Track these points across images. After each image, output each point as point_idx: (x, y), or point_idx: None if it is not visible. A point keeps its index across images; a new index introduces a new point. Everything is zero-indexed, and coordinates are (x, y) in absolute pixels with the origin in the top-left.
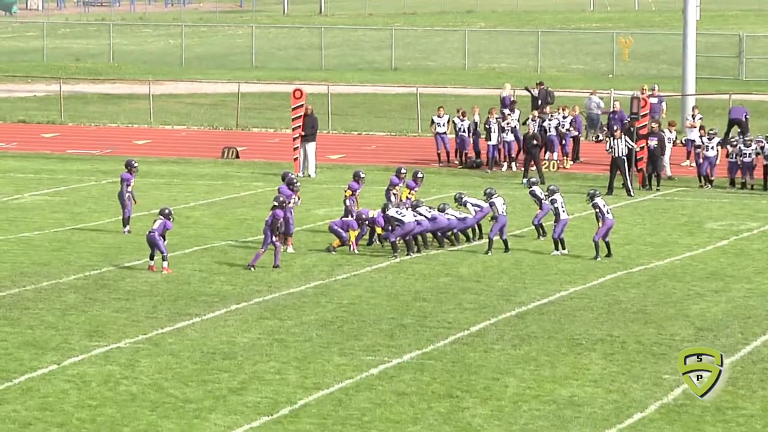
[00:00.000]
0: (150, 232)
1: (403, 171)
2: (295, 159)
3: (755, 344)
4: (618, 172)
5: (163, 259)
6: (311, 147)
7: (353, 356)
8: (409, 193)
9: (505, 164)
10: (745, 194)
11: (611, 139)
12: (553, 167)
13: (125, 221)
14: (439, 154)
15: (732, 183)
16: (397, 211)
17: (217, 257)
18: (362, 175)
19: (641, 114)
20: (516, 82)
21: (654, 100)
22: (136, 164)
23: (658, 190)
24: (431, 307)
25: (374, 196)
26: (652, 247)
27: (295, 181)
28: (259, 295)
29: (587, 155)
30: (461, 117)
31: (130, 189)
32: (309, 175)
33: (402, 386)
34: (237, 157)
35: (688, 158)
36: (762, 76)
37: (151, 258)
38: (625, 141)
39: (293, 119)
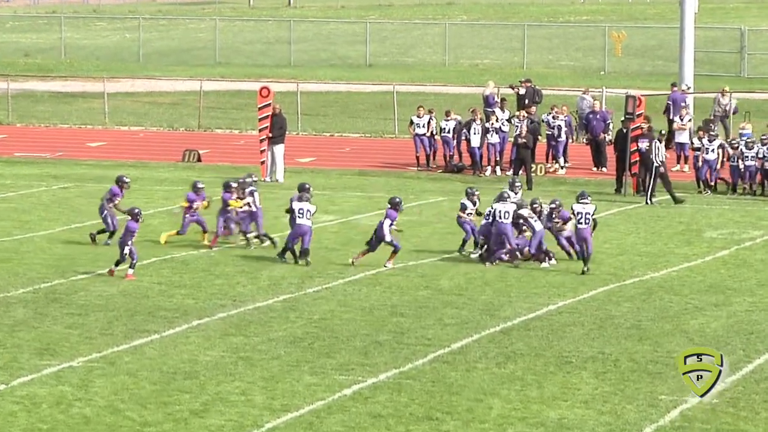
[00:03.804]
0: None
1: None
2: (262, 162)
3: (758, 362)
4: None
5: (131, 266)
6: (279, 150)
7: (325, 375)
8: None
9: (489, 168)
10: (747, 201)
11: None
12: (541, 171)
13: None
14: (417, 157)
15: (734, 189)
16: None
17: (178, 269)
18: (200, 186)
19: (636, 114)
20: (500, 79)
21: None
22: (128, 180)
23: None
24: (409, 323)
25: (348, 203)
26: (647, 257)
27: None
28: (223, 309)
29: (577, 159)
30: (446, 117)
31: (111, 205)
32: (277, 180)
33: (378, 408)
34: (199, 160)
35: (678, 162)
36: (765, 72)
37: (117, 264)
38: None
39: (260, 119)
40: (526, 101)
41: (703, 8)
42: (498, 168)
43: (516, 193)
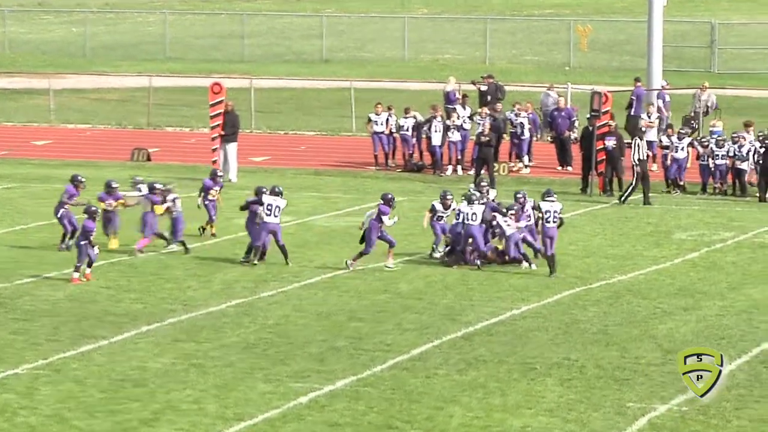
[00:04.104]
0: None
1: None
2: (214, 161)
3: (729, 368)
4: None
5: (88, 264)
6: (232, 148)
7: (280, 383)
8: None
9: (450, 167)
10: (718, 201)
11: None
12: (504, 171)
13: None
14: (376, 156)
15: (704, 188)
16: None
17: (126, 273)
18: (81, 179)
19: (602, 111)
20: (462, 75)
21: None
22: (83, 179)
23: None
24: (367, 328)
25: (304, 203)
26: (613, 259)
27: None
28: (173, 314)
29: (541, 157)
30: (405, 114)
31: (67, 207)
32: (230, 180)
33: (335, 416)
34: (148, 159)
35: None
36: (736, 68)
37: (88, 265)
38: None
39: (211, 117)
40: (489, 98)
41: (672, 1)
42: (459, 167)
43: (482, 192)
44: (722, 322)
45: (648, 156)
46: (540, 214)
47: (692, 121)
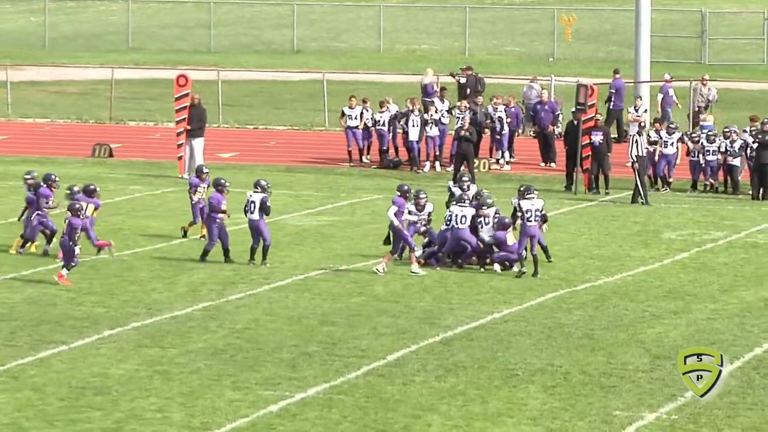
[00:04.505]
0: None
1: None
2: (180, 158)
3: (729, 369)
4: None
5: (66, 266)
6: (198, 144)
7: (249, 391)
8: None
9: (428, 163)
10: (709, 199)
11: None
12: (484, 167)
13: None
14: (350, 152)
15: (694, 186)
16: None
17: (87, 274)
18: (55, 178)
19: (588, 104)
20: (440, 67)
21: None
22: (56, 178)
23: (606, 193)
24: (341, 333)
25: (274, 201)
26: (599, 260)
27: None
28: (136, 318)
29: (524, 153)
30: (381, 108)
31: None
32: None
33: (306, 426)
34: (110, 155)
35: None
36: (727, 59)
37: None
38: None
39: (177, 111)
40: (468, 91)
41: None
42: (438, 163)
43: (463, 189)
44: (713, 326)
45: (647, 152)
46: (520, 214)
47: (699, 115)
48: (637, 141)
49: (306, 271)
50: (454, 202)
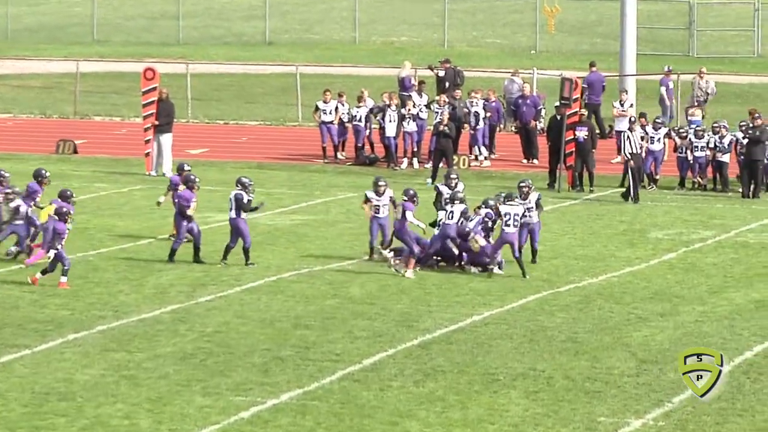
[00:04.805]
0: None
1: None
2: (147, 154)
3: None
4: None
5: (63, 273)
6: (166, 139)
7: (219, 396)
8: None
9: (406, 160)
10: (697, 197)
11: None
12: (464, 164)
13: None
14: (324, 148)
15: (682, 183)
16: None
17: (51, 275)
18: (46, 173)
19: (573, 99)
20: (418, 59)
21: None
22: (47, 174)
23: (591, 191)
24: (315, 336)
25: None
26: (584, 261)
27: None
28: (103, 321)
29: (505, 149)
30: (358, 103)
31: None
32: (164, 174)
33: None
34: (75, 151)
35: (619, 153)
36: (716, 51)
37: (51, 270)
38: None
39: (144, 105)
40: (447, 84)
41: None
42: (416, 160)
43: (451, 187)
44: (702, 328)
45: (642, 148)
46: (499, 219)
47: (699, 110)
48: (629, 137)
49: (279, 272)
50: (447, 201)
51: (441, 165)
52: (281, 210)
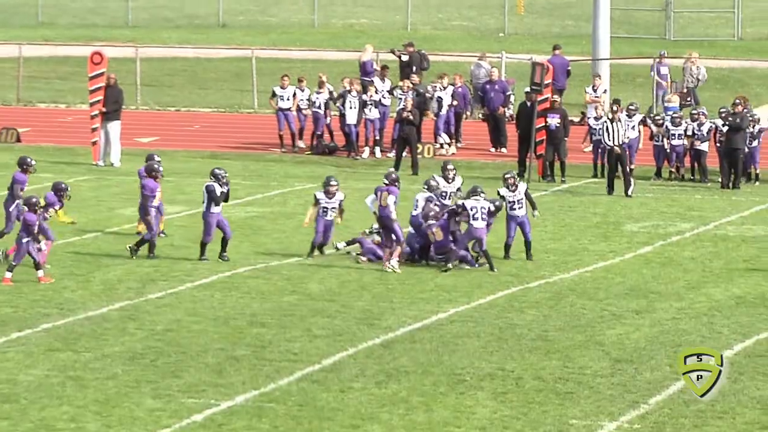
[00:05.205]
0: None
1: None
2: (94, 143)
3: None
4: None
5: (9, 268)
6: (114, 127)
7: (170, 399)
8: None
9: (367, 149)
10: (674, 187)
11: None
12: (429, 153)
13: None
14: (281, 137)
15: (658, 173)
16: None
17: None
18: (31, 162)
19: (545, 84)
20: (380, 43)
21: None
22: (33, 162)
23: (563, 181)
24: (272, 335)
25: (198, 191)
26: (555, 255)
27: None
28: (47, 319)
29: (472, 137)
30: (318, 89)
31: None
32: (111, 164)
33: None
34: (18, 140)
35: (590, 142)
36: (694, 34)
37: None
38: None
39: (91, 92)
40: (414, 68)
41: None
42: (377, 149)
43: (452, 180)
44: (679, 326)
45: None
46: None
47: (687, 98)
48: (609, 128)
49: (233, 267)
50: (439, 194)
51: (405, 154)
52: (236, 202)
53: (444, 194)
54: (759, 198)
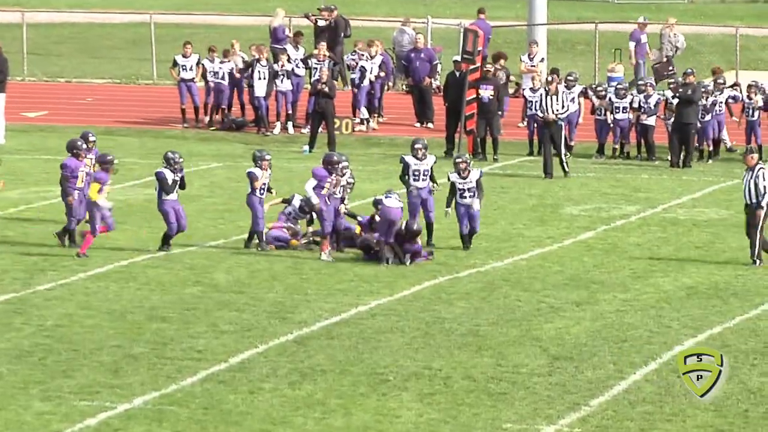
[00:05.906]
0: None
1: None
2: None
3: (634, 378)
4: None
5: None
6: None
7: (61, 401)
8: None
9: (279, 124)
10: (619, 166)
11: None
12: (347, 128)
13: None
14: (183, 110)
15: (600, 150)
16: None
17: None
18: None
19: (477, 52)
20: (292, 6)
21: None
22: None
23: (495, 159)
24: (173, 330)
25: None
26: (486, 241)
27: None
28: None
29: (395, 111)
30: (223, 57)
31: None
32: None
33: None
34: None
35: (524, 116)
36: None
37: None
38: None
39: None
40: (328, 35)
41: None
42: (290, 124)
43: (422, 159)
44: (624, 320)
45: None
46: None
47: (669, 68)
48: (545, 101)
49: (130, 255)
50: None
51: (320, 130)
52: (134, 183)
53: (416, 172)
54: (712, 178)
